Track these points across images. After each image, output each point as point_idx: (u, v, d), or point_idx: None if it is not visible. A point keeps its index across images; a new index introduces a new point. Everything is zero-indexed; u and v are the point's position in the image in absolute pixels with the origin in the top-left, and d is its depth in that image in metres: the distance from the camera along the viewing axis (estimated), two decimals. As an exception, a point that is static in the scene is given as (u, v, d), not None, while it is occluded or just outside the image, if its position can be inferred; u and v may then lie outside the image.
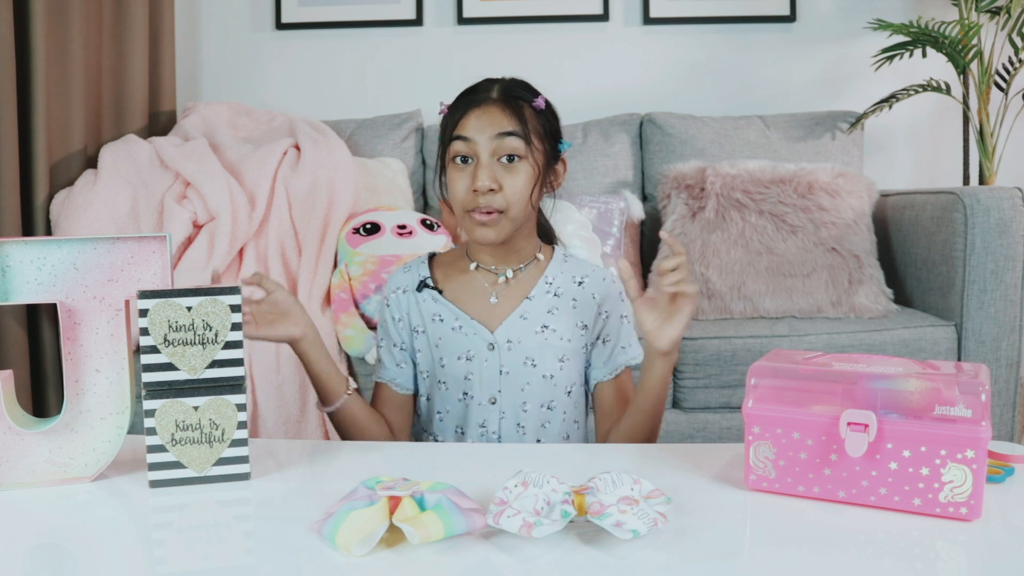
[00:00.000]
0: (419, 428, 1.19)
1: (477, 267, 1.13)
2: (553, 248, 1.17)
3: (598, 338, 1.13)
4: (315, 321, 1.74)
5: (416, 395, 1.18)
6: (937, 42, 2.20)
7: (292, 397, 1.70)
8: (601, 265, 1.17)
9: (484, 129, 1.04)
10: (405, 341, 1.16)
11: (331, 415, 1.11)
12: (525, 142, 1.04)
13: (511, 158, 1.04)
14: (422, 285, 1.13)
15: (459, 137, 1.05)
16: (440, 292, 1.12)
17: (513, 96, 1.07)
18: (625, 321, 1.14)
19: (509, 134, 1.04)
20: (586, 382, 1.16)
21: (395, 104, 2.52)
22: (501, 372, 1.09)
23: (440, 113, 1.10)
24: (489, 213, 1.04)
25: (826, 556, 0.67)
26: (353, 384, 1.11)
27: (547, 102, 1.09)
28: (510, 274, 1.12)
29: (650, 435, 1.09)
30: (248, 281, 1.06)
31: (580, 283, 1.13)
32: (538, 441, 1.11)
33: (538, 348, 1.09)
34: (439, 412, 1.14)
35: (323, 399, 1.11)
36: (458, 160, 1.06)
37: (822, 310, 1.91)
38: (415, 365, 1.17)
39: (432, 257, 1.18)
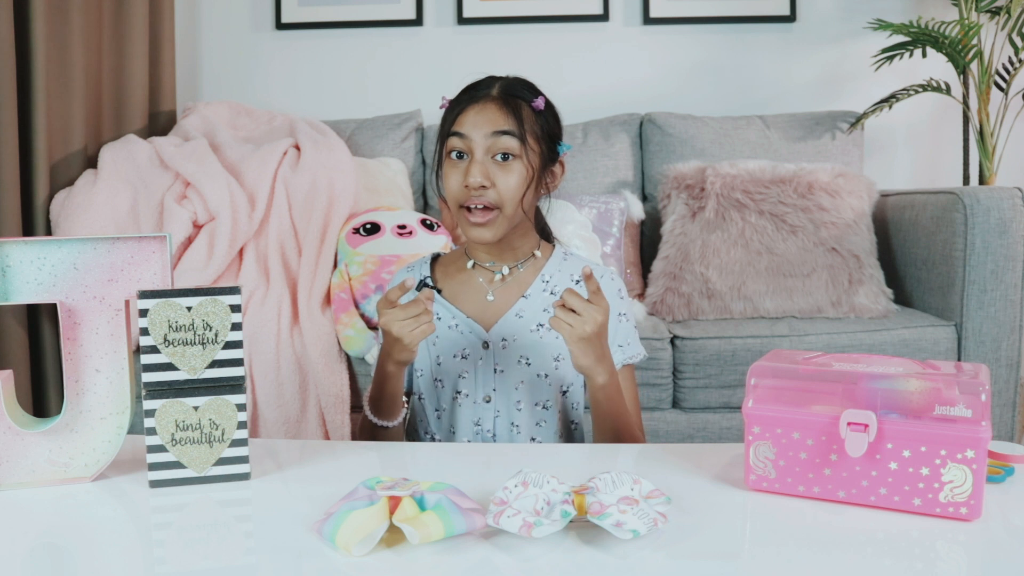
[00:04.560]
0: (413, 427, 1.19)
1: (474, 265, 1.13)
2: (553, 247, 1.17)
3: None
4: (315, 321, 1.77)
5: (410, 394, 1.18)
6: (937, 42, 2.20)
7: (292, 397, 1.70)
8: (603, 265, 1.17)
9: (480, 126, 1.04)
10: None
11: (383, 428, 1.10)
12: (520, 141, 1.05)
13: (505, 156, 1.05)
14: (422, 284, 1.14)
15: (455, 133, 1.05)
16: (439, 291, 1.13)
17: (512, 95, 1.07)
18: (624, 319, 1.14)
19: (504, 133, 1.04)
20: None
21: (395, 104, 2.52)
22: (495, 370, 1.09)
23: (441, 107, 1.11)
24: (485, 211, 1.04)
25: (826, 556, 0.67)
26: (405, 400, 1.11)
27: (548, 103, 1.09)
28: (506, 271, 1.12)
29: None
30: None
31: (578, 281, 1.13)
32: (533, 440, 1.11)
33: (532, 346, 1.09)
34: (437, 410, 1.14)
35: (385, 413, 1.08)
36: (453, 155, 1.06)
37: (822, 310, 1.91)
38: (412, 364, 1.17)
39: (435, 258, 1.19)
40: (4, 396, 0.83)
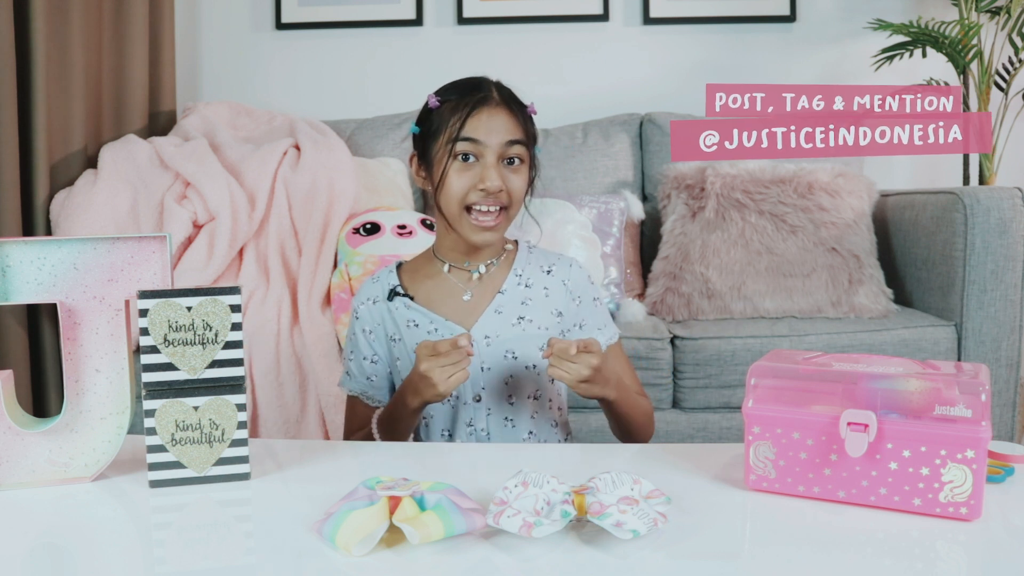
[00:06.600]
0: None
1: (450, 268, 1.13)
2: (516, 242, 1.19)
3: (575, 325, 1.15)
4: (315, 321, 1.77)
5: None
6: (937, 42, 2.20)
7: (292, 397, 1.70)
8: (565, 255, 1.18)
9: (495, 134, 1.06)
10: (377, 353, 1.15)
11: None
12: (526, 148, 1.08)
13: (512, 161, 1.08)
14: (392, 294, 1.13)
15: (468, 139, 1.06)
16: (411, 298, 1.12)
17: (513, 100, 1.10)
18: (597, 303, 1.17)
19: (517, 142, 1.07)
20: None
21: (395, 104, 2.52)
22: (482, 368, 1.09)
23: (432, 106, 1.11)
24: (495, 214, 1.06)
25: (826, 556, 0.67)
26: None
27: None
28: (483, 269, 1.13)
29: (640, 431, 1.13)
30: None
31: (548, 271, 1.14)
32: (530, 433, 1.11)
33: (516, 340, 1.09)
34: (424, 418, 1.13)
35: (393, 438, 1.09)
36: (460, 158, 1.06)
37: (822, 310, 1.91)
38: (390, 375, 1.16)
39: (399, 266, 1.18)
40: (4, 396, 0.83)
